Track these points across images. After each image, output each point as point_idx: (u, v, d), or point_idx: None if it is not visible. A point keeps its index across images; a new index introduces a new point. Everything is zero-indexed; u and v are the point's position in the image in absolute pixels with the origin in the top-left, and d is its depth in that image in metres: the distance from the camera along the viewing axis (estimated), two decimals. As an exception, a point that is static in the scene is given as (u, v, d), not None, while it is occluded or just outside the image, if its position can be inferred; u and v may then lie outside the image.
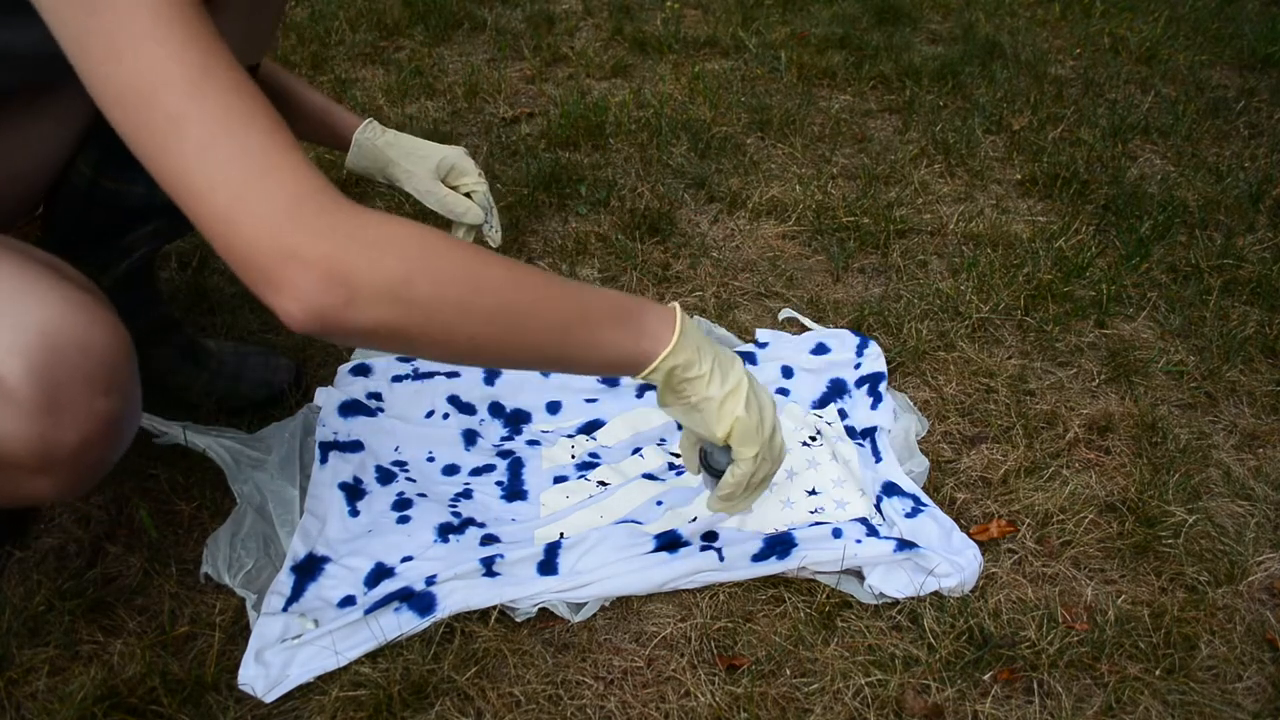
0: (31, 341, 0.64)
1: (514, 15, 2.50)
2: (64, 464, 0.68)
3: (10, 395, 0.64)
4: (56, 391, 0.65)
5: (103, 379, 0.68)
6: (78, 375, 0.66)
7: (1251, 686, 0.91)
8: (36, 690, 0.86)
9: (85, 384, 0.67)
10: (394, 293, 0.62)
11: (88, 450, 0.69)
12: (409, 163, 1.26)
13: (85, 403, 0.67)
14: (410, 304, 0.63)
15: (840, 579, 0.99)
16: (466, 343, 0.67)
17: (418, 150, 1.27)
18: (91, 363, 0.67)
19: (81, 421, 0.67)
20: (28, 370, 0.64)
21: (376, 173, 1.29)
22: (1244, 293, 1.47)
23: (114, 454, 0.73)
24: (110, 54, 0.59)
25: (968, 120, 1.99)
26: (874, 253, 1.56)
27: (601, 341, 0.73)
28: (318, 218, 0.60)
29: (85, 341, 0.67)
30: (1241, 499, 1.12)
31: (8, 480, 0.69)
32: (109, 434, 0.70)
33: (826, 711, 0.87)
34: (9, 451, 0.66)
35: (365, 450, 1.11)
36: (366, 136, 1.26)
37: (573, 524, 1.05)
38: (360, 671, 0.88)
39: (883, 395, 1.22)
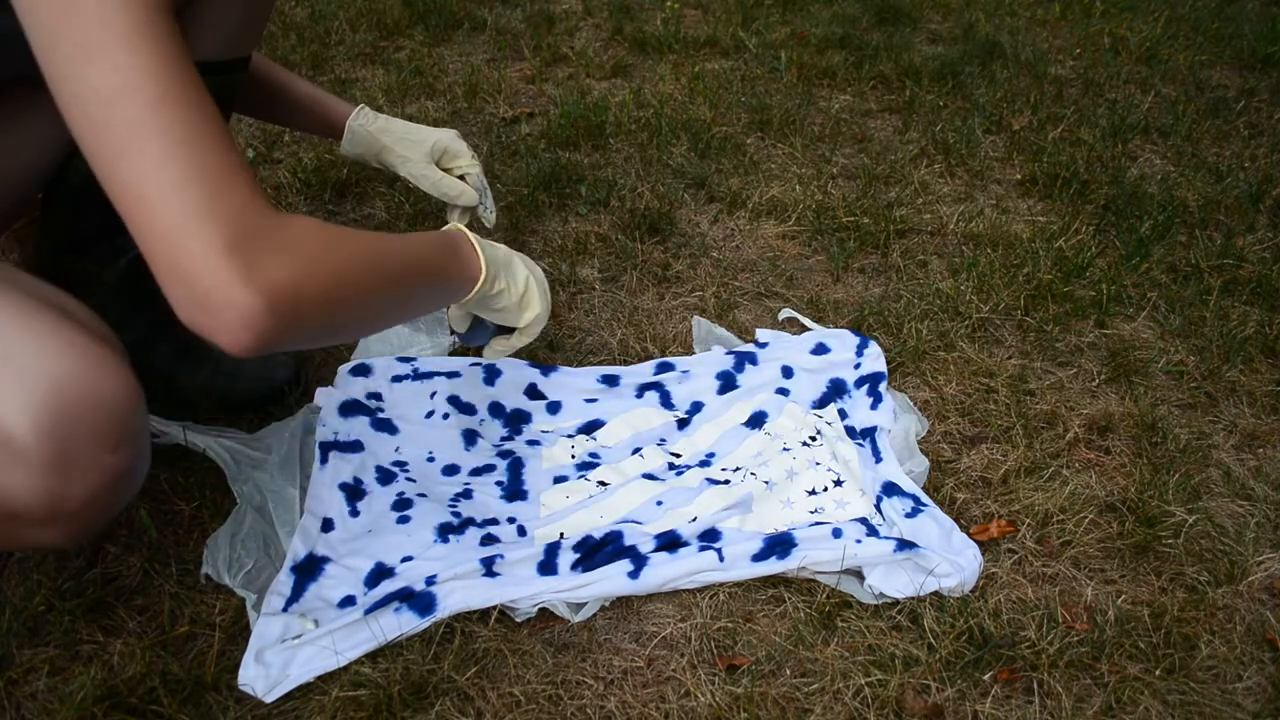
0: (42, 398, 0.64)
1: (514, 15, 2.50)
2: (71, 517, 0.68)
3: (20, 453, 0.64)
4: (66, 448, 0.65)
5: (113, 434, 0.68)
6: (88, 432, 0.66)
7: (1251, 686, 0.91)
8: (36, 690, 0.86)
9: (95, 440, 0.66)
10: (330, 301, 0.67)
11: (95, 504, 0.69)
12: (402, 147, 1.27)
13: (94, 459, 0.67)
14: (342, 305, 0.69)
15: (840, 579, 0.99)
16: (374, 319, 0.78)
17: (411, 134, 1.28)
18: (102, 418, 0.67)
19: (91, 478, 0.67)
20: (37, 428, 0.63)
21: (371, 158, 1.29)
22: (1244, 293, 1.47)
23: (121, 504, 0.73)
24: (81, 55, 0.59)
25: (968, 120, 1.99)
26: (874, 253, 1.56)
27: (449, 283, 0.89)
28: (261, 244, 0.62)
29: (96, 396, 0.66)
30: (1241, 499, 1.12)
31: (13, 530, 0.69)
32: (117, 488, 0.70)
33: (826, 711, 0.87)
34: (16, 506, 0.66)
35: (365, 450, 1.11)
36: (360, 123, 1.27)
37: (573, 524, 1.05)
38: (360, 671, 0.88)
39: (883, 395, 1.22)
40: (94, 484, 0.67)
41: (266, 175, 1.70)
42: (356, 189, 1.68)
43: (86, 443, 0.66)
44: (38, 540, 0.71)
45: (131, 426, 0.70)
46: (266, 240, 0.62)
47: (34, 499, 0.65)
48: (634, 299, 1.43)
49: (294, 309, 0.63)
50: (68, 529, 0.70)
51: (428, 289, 0.85)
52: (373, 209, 1.63)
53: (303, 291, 0.64)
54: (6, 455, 0.64)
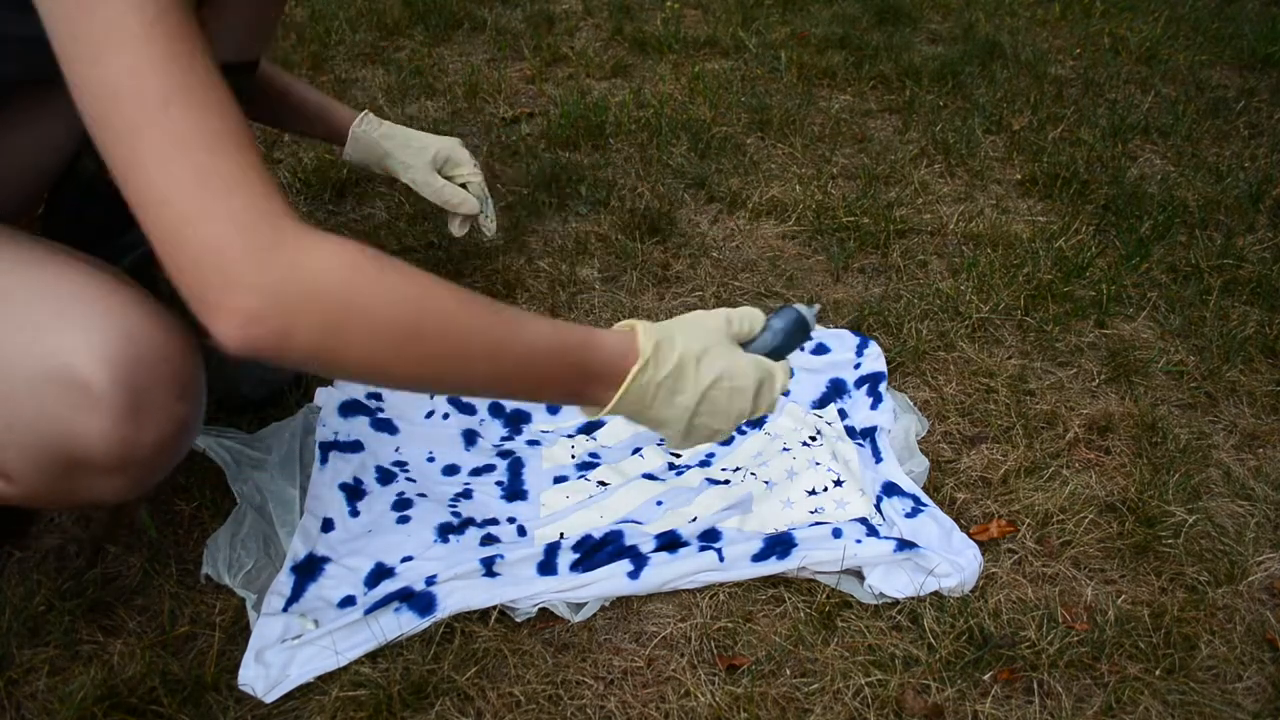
0: (116, 348, 0.67)
1: (514, 15, 2.50)
2: (139, 465, 0.70)
3: (97, 400, 0.66)
4: (140, 396, 0.68)
5: (181, 383, 0.71)
6: (159, 380, 0.69)
7: (1251, 686, 0.91)
8: (36, 690, 0.86)
9: (165, 388, 0.69)
10: (330, 328, 0.62)
11: (162, 452, 0.71)
12: (405, 154, 1.28)
13: (165, 407, 0.69)
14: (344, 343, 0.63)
15: (840, 579, 0.99)
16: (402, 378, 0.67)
17: (413, 142, 1.29)
18: (171, 368, 0.70)
19: (161, 424, 0.70)
20: (113, 376, 0.66)
21: (374, 164, 1.30)
22: (1244, 293, 1.47)
23: (182, 454, 0.76)
24: (95, 53, 0.59)
25: (968, 120, 1.99)
26: (874, 253, 1.56)
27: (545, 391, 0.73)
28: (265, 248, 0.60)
29: (165, 347, 0.70)
30: (1241, 499, 1.12)
31: (77, 480, 0.70)
32: (182, 436, 0.73)
33: (826, 711, 0.87)
34: (90, 454, 0.68)
35: (365, 450, 1.11)
36: (363, 129, 1.27)
37: (573, 524, 1.05)
38: (360, 671, 0.88)
39: (883, 395, 1.22)
40: (164, 431, 0.70)
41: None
42: (356, 189, 1.68)
43: (158, 391, 0.69)
44: (96, 492, 0.72)
45: (196, 378, 0.73)
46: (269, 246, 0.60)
47: (107, 446, 0.67)
48: (634, 299, 1.43)
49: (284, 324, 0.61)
50: (132, 477, 0.72)
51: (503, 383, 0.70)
52: (373, 209, 1.63)
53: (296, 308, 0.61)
54: (83, 403, 0.66)
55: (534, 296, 1.43)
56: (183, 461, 1.07)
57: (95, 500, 0.74)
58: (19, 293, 0.69)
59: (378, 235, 1.54)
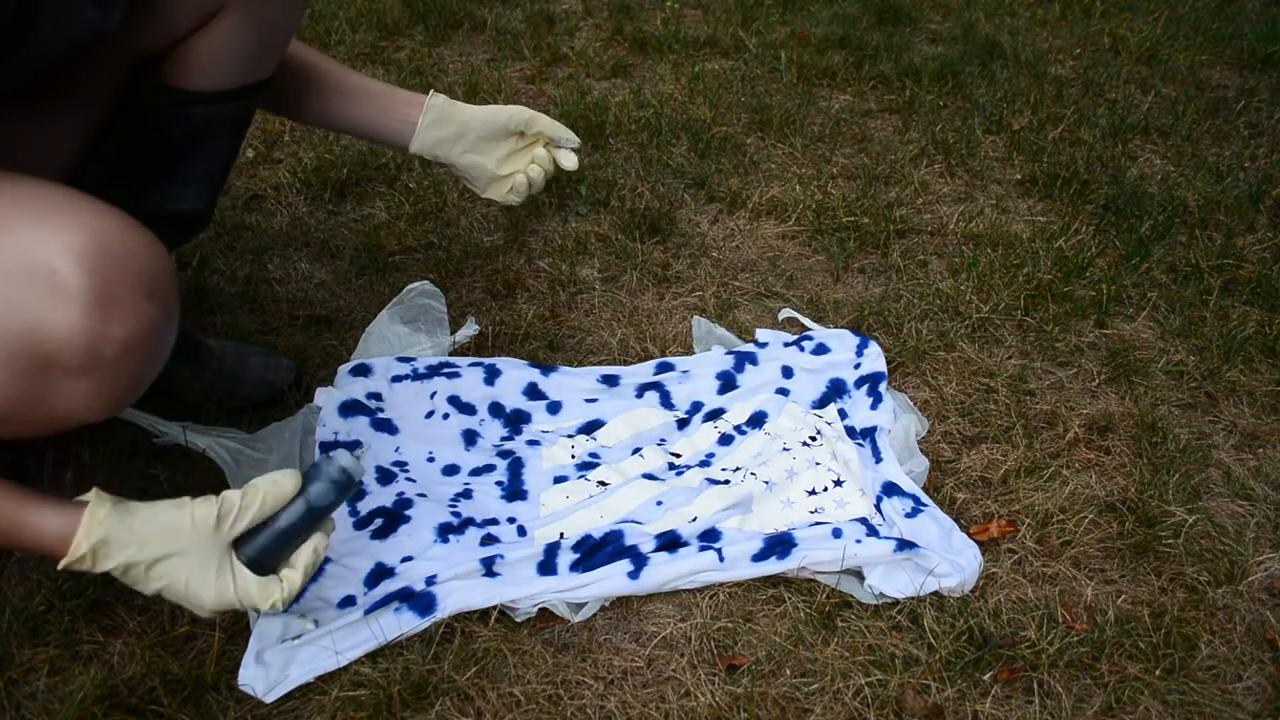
0: (84, 240, 0.68)
1: (514, 15, 2.50)
2: (108, 365, 0.71)
3: (63, 288, 0.67)
4: (107, 287, 0.68)
5: (148, 282, 0.71)
6: (126, 275, 0.70)
7: (1251, 686, 0.91)
8: (36, 690, 0.86)
9: (133, 284, 0.70)
10: None
11: (130, 352, 0.71)
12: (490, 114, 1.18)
13: (132, 302, 0.70)
14: None
15: (840, 579, 0.99)
16: None
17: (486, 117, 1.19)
18: (139, 265, 0.71)
19: (129, 319, 0.70)
20: (81, 265, 0.67)
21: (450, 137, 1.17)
22: (1244, 293, 1.47)
23: (151, 367, 0.76)
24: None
25: (968, 120, 1.99)
26: (874, 253, 1.56)
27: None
28: None
29: (133, 247, 0.71)
30: (1241, 499, 1.12)
31: (47, 385, 0.70)
32: (151, 339, 0.73)
33: (826, 711, 0.87)
34: (58, 345, 0.68)
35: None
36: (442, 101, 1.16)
37: (573, 524, 1.05)
38: (360, 671, 0.88)
39: (883, 395, 1.22)
40: (131, 328, 0.70)
41: (266, 175, 1.70)
42: (356, 189, 1.68)
43: (126, 285, 0.69)
44: (69, 403, 0.72)
45: (164, 281, 0.73)
46: None
47: (75, 337, 0.68)
48: (634, 299, 1.43)
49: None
50: (103, 380, 0.71)
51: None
52: (373, 209, 1.63)
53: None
54: (51, 292, 0.67)
55: (534, 296, 1.43)
56: (183, 461, 1.08)
57: (70, 415, 0.74)
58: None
59: (378, 235, 1.54)
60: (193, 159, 1.01)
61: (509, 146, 1.19)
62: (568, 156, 1.23)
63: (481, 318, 1.37)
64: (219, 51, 0.94)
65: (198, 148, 1.01)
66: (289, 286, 1.43)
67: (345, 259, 1.49)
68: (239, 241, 1.51)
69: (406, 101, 1.16)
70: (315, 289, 1.43)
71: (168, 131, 0.98)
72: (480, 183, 1.21)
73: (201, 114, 0.98)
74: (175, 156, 1.00)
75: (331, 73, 1.15)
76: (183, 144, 1.00)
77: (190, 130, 0.99)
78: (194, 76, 0.95)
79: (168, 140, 0.98)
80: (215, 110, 0.98)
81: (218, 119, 1.00)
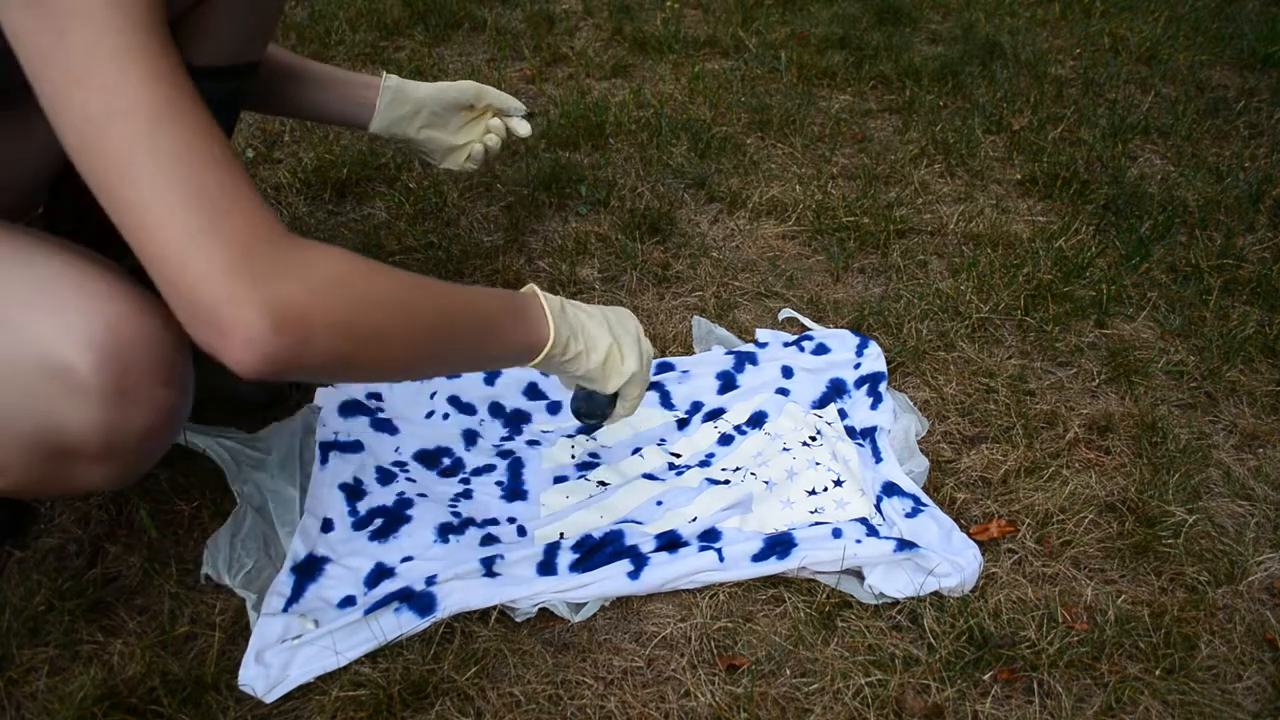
0: (99, 334, 0.67)
1: (514, 15, 2.50)
2: (126, 453, 0.71)
3: (80, 386, 0.66)
4: (124, 381, 0.68)
5: (165, 370, 0.71)
6: (143, 366, 0.69)
7: (1251, 686, 0.91)
8: (36, 690, 0.86)
9: (150, 374, 0.69)
10: (345, 329, 0.65)
11: (149, 438, 0.71)
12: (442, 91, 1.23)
13: (149, 392, 0.69)
14: (359, 338, 0.66)
15: (840, 579, 0.99)
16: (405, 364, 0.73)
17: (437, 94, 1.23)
18: (155, 354, 0.70)
19: (146, 410, 0.70)
20: (97, 362, 0.66)
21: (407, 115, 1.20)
22: (1244, 293, 1.47)
23: (168, 444, 0.76)
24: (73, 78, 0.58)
25: (968, 120, 1.99)
26: (874, 253, 1.56)
27: (506, 342, 0.83)
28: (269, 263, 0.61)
29: (149, 334, 0.69)
30: (1241, 499, 1.12)
31: (65, 469, 0.71)
32: (169, 423, 0.73)
33: (826, 711, 0.87)
34: (76, 440, 0.68)
35: (365, 450, 1.11)
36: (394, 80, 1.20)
37: (573, 524, 1.05)
38: (360, 671, 0.88)
39: (883, 395, 1.22)
40: (149, 417, 0.70)
41: (266, 175, 1.70)
42: (356, 189, 1.68)
43: (142, 376, 0.69)
44: (86, 481, 0.73)
45: (180, 364, 0.73)
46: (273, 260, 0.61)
47: (93, 433, 0.68)
48: (634, 299, 1.43)
49: (302, 333, 0.62)
50: (121, 465, 0.72)
51: (475, 345, 0.80)
52: (373, 209, 1.63)
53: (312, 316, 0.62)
54: (67, 389, 0.66)
55: (534, 296, 1.43)
56: (183, 461, 1.08)
57: (87, 488, 0.74)
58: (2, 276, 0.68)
59: (377, 235, 1.54)
60: None
61: (462, 119, 1.24)
62: (521, 125, 1.27)
63: (481, 318, 1.37)
64: (213, 27, 0.94)
65: None
66: (289, 286, 1.42)
67: (345, 259, 1.49)
68: (239, 241, 1.51)
69: (364, 85, 1.20)
70: (315, 289, 1.42)
71: None
72: (438, 155, 1.25)
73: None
74: None
75: (291, 62, 1.19)
76: None
77: None
78: (190, 51, 0.95)
79: None
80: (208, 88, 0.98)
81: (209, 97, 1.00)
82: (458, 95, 1.22)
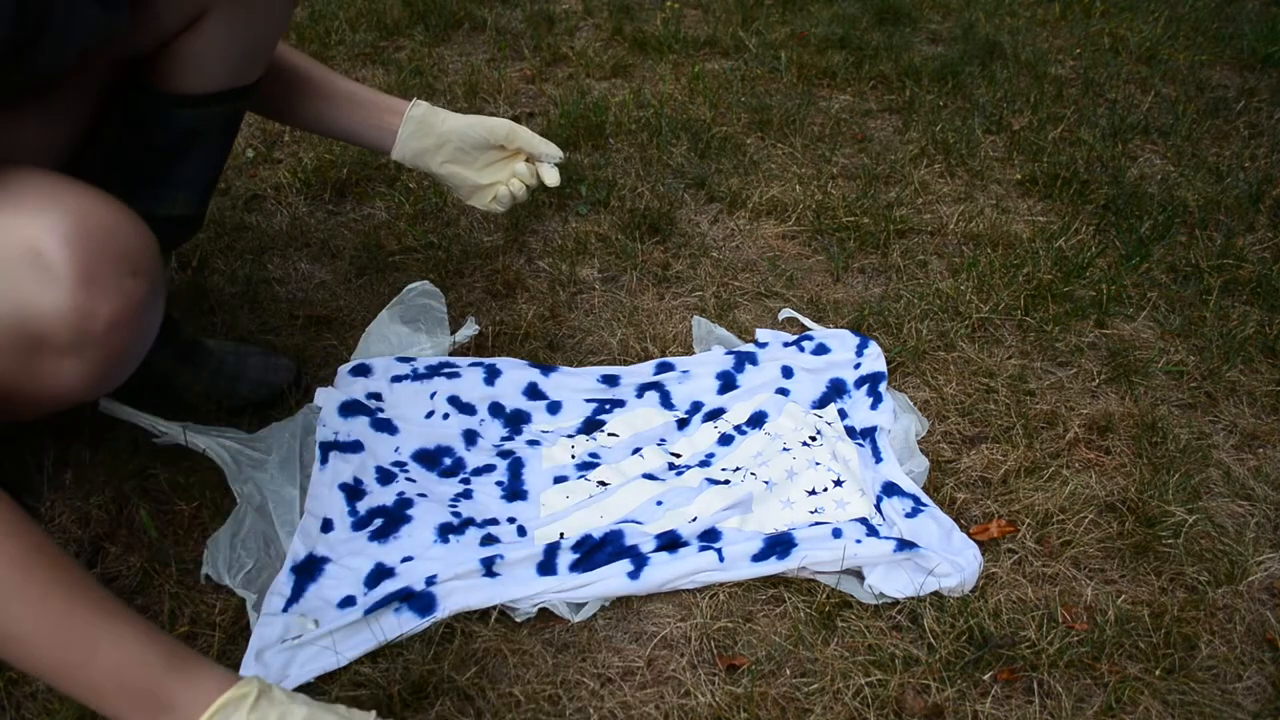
0: (69, 222, 0.70)
1: (514, 15, 2.50)
2: (96, 342, 0.72)
3: (50, 267, 0.69)
4: (92, 265, 0.70)
5: (132, 260, 0.73)
6: (111, 253, 0.72)
7: (1251, 686, 0.92)
8: (36, 690, 0.86)
9: (118, 261, 0.72)
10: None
11: (117, 328, 0.73)
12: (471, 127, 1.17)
13: (117, 279, 0.72)
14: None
15: (840, 579, 0.99)
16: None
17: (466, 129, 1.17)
18: (122, 243, 0.73)
19: (114, 296, 0.72)
20: (66, 244, 0.69)
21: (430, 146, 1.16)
22: (1244, 293, 1.47)
23: (139, 344, 0.78)
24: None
25: (968, 120, 1.99)
26: (874, 253, 1.56)
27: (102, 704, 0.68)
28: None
29: (116, 226, 0.73)
30: (1241, 499, 1.12)
31: (35, 364, 0.72)
32: (137, 315, 0.75)
33: (826, 711, 0.87)
34: (46, 324, 0.70)
35: (365, 451, 1.11)
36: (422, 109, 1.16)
37: (573, 524, 1.05)
38: (360, 671, 0.88)
39: (883, 395, 1.22)
40: (117, 305, 0.72)
41: (266, 175, 1.70)
42: (356, 189, 1.68)
43: (110, 262, 0.71)
44: (58, 378, 0.74)
45: (148, 259, 0.75)
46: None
47: (62, 315, 0.70)
48: (634, 299, 1.43)
49: None
50: (90, 362, 0.74)
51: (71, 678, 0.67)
52: (373, 209, 1.63)
53: None
54: (38, 272, 0.69)
55: (534, 296, 1.43)
56: (183, 461, 1.08)
57: (59, 394, 0.75)
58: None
59: (377, 235, 1.54)
60: (182, 162, 1.01)
61: (490, 157, 1.18)
62: (550, 173, 1.20)
63: (481, 318, 1.37)
64: (207, 53, 0.94)
65: (187, 151, 1.01)
66: (289, 286, 1.43)
67: (345, 259, 1.49)
68: (239, 241, 1.51)
69: (389, 109, 1.15)
70: (315, 289, 1.43)
71: (156, 135, 0.98)
72: (463, 191, 1.21)
73: (190, 117, 0.98)
74: (164, 160, 1.00)
75: (318, 78, 1.15)
76: (171, 148, 0.99)
77: (179, 134, 0.99)
78: (182, 79, 0.95)
79: (156, 144, 0.98)
80: (204, 113, 0.98)
81: (206, 122, 1.00)
82: (487, 134, 1.16)
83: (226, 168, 1.23)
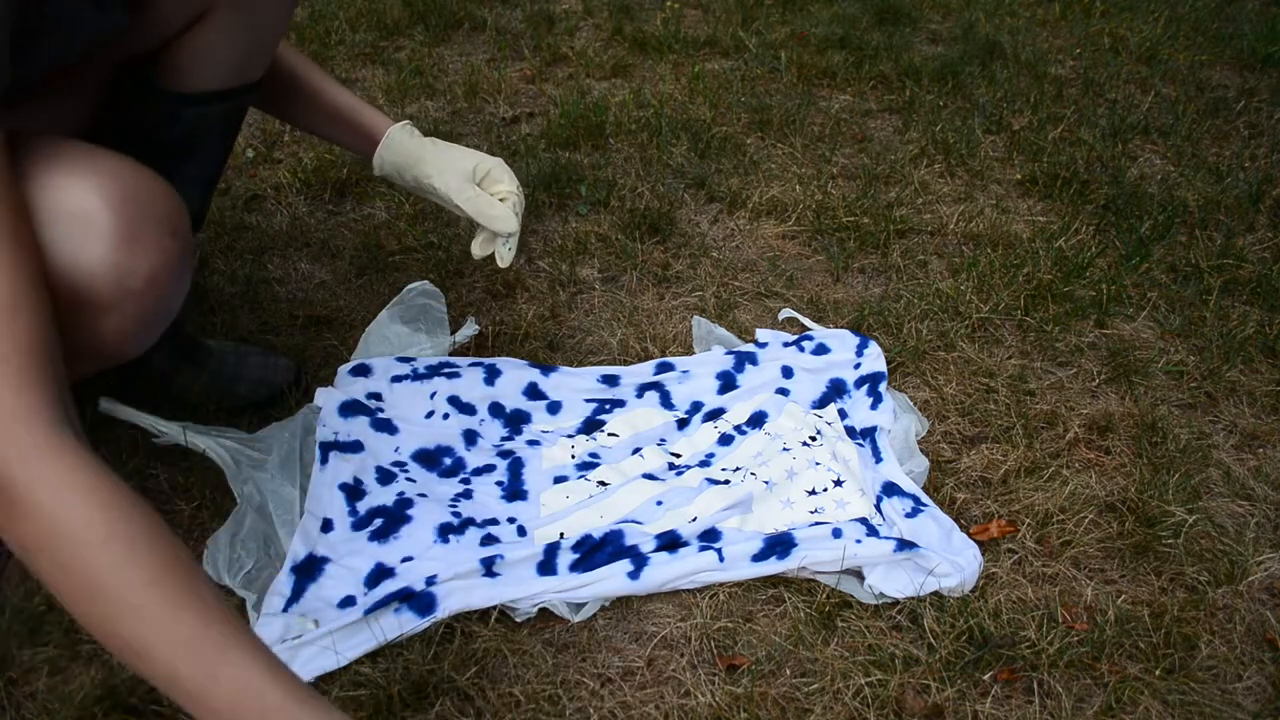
0: (112, 185, 0.74)
1: (514, 15, 2.50)
2: (134, 298, 0.76)
3: (93, 225, 0.73)
4: (133, 224, 0.75)
5: (170, 222, 0.78)
6: (151, 214, 0.76)
7: (1251, 686, 0.92)
8: (36, 690, 0.86)
9: (157, 222, 0.77)
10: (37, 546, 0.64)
11: (154, 285, 0.77)
12: (443, 161, 1.15)
13: (156, 237, 0.77)
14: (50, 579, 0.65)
15: (840, 579, 0.99)
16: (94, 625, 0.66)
17: (454, 152, 1.16)
18: (161, 206, 0.78)
19: (153, 253, 0.76)
20: (109, 205, 0.73)
21: (406, 170, 1.16)
22: (1244, 293, 1.47)
23: (170, 303, 0.82)
24: None
25: (968, 120, 1.99)
26: (874, 253, 1.56)
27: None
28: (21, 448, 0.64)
29: (154, 189, 0.78)
30: (1241, 499, 1.12)
31: (79, 323, 0.75)
32: (173, 273, 0.79)
33: (826, 711, 0.87)
34: (88, 280, 0.73)
35: (365, 451, 1.11)
36: (402, 131, 1.16)
37: (573, 524, 1.05)
38: (360, 671, 0.88)
39: (883, 395, 1.22)
40: (155, 261, 0.77)
41: (266, 175, 1.70)
42: (356, 189, 1.68)
43: (150, 222, 0.76)
44: (97, 335, 0.77)
45: (182, 222, 0.80)
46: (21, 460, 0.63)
47: (105, 272, 0.74)
48: (634, 299, 1.43)
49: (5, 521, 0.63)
50: (130, 315, 0.77)
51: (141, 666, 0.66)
52: (373, 209, 1.63)
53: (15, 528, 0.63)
54: (82, 229, 0.72)
55: (534, 296, 1.43)
56: (183, 461, 1.08)
57: (96, 351, 0.78)
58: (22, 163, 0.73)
59: (377, 235, 1.54)
60: (183, 161, 1.01)
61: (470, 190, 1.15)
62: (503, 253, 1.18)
63: (481, 318, 1.37)
64: (209, 53, 0.95)
65: (188, 150, 1.01)
66: (289, 286, 1.43)
67: (345, 259, 1.49)
68: (239, 241, 1.51)
69: (371, 127, 1.15)
70: (315, 289, 1.43)
71: (158, 134, 0.98)
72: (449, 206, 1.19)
73: (192, 116, 0.98)
74: (166, 159, 1.00)
75: (308, 86, 1.14)
76: (173, 147, 1.00)
77: (181, 133, 0.99)
78: (184, 78, 0.95)
79: (158, 143, 0.98)
80: (205, 112, 0.98)
81: (208, 120, 1.00)
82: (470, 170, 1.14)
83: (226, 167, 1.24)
